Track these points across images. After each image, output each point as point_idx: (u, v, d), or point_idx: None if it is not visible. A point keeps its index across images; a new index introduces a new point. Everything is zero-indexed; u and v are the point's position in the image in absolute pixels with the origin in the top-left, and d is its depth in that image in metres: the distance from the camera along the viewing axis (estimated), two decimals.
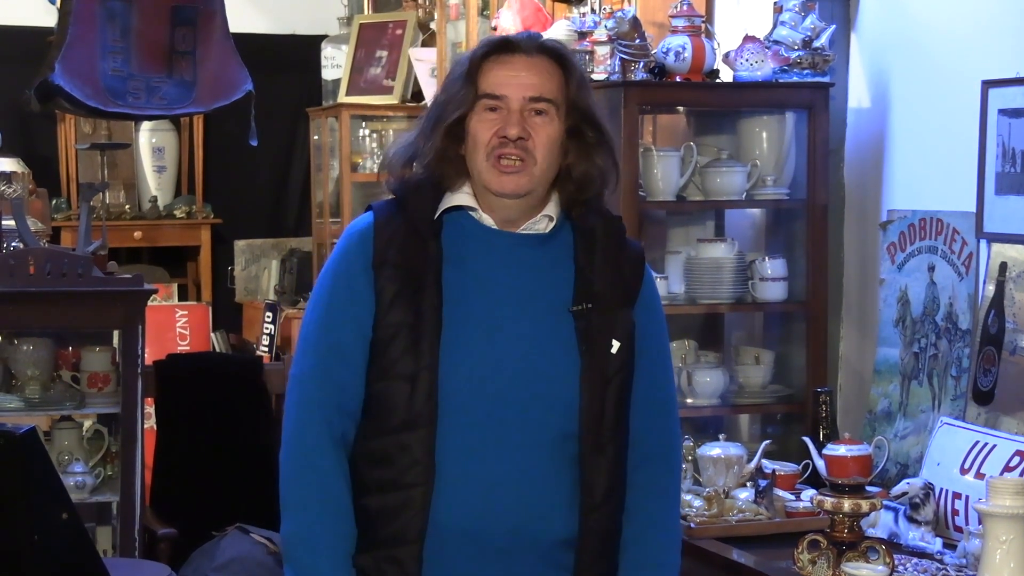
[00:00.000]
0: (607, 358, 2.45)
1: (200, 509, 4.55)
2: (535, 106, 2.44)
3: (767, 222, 4.36)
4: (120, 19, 4.64)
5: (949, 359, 3.68)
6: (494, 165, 2.44)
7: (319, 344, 2.48)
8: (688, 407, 4.11)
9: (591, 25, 4.24)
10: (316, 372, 2.47)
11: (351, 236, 2.52)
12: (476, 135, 2.45)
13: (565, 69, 2.47)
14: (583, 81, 2.51)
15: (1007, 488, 2.74)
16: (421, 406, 2.40)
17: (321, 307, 2.50)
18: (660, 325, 2.58)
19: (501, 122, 2.43)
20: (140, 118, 5.49)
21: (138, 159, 7.48)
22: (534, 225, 2.49)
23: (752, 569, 3.17)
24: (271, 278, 7.38)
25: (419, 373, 2.41)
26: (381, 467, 2.43)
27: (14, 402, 4.49)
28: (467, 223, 2.49)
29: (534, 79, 2.44)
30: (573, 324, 2.46)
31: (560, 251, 2.50)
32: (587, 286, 2.47)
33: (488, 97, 2.44)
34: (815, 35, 4.02)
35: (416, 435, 2.40)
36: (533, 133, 2.43)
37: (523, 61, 2.45)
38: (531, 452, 2.42)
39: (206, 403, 4.75)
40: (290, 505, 2.46)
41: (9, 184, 5.06)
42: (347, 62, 6.82)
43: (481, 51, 2.47)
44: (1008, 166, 3.53)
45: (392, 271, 2.44)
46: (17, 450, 2.41)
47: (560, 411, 2.43)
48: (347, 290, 2.47)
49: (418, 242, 2.46)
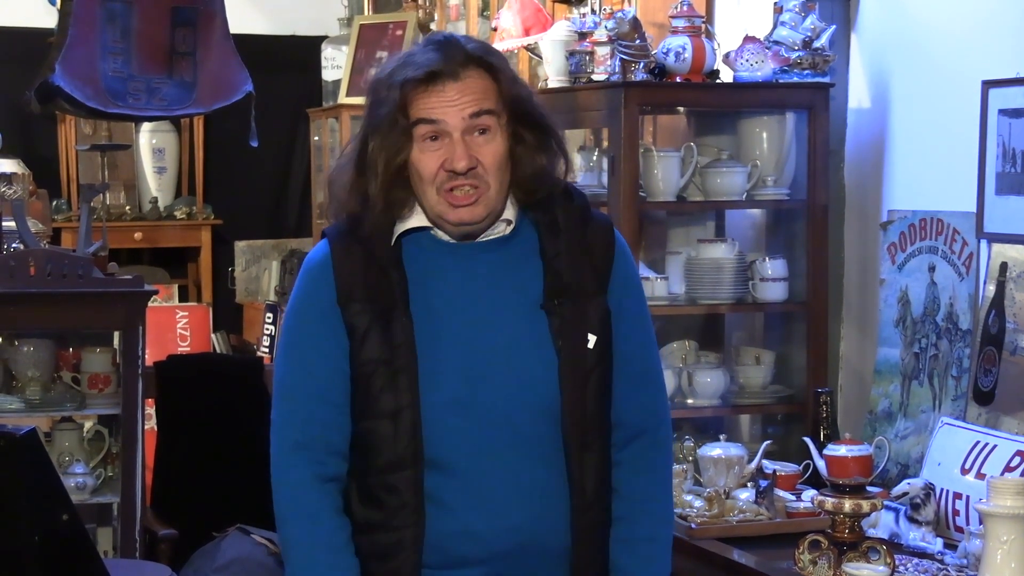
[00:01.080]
0: (584, 353, 2.41)
1: (201, 510, 4.55)
2: (477, 123, 2.36)
3: (767, 222, 4.36)
4: (120, 20, 4.64)
5: (950, 359, 3.68)
6: (446, 198, 2.37)
7: (297, 387, 2.44)
8: (689, 407, 4.11)
9: (591, 25, 4.23)
10: (296, 416, 2.43)
11: (310, 270, 2.46)
12: (421, 169, 2.37)
13: (494, 73, 2.39)
14: (512, 78, 2.43)
15: (1008, 488, 2.74)
16: (404, 447, 2.37)
17: (294, 348, 2.45)
18: (637, 296, 2.52)
19: (445, 153, 2.35)
20: (140, 119, 5.49)
21: (138, 160, 7.48)
22: (493, 231, 2.44)
23: (753, 569, 3.17)
24: (271, 279, 7.38)
25: (400, 411, 2.37)
26: (371, 507, 2.41)
27: (15, 403, 4.49)
28: (425, 241, 2.44)
29: (467, 98, 2.35)
30: (547, 321, 2.41)
31: (524, 247, 2.45)
32: (556, 279, 2.42)
33: (424, 122, 2.35)
34: (815, 35, 4.02)
35: (402, 476, 2.37)
36: (480, 158, 2.36)
37: (453, 86, 2.35)
38: (523, 467, 2.39)
39: (207, 404, 4.75)
40: (288, 543, 2.43)
41: (9, 185, 5.06)
42: (347, 63, 6.82)
43: (408, 86, 2.35)
44: (1008, 166, 3.53)
45: (360, 305, 2.40)
46: (18, 451, 2.41)
47: (545, 416, 2.40)
48: (317, 328, 2.42)
49: (380, 272, 2.40)
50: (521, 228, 2.45)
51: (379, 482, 2.39)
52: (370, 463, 2.40)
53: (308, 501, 2.41)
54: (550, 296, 2.42)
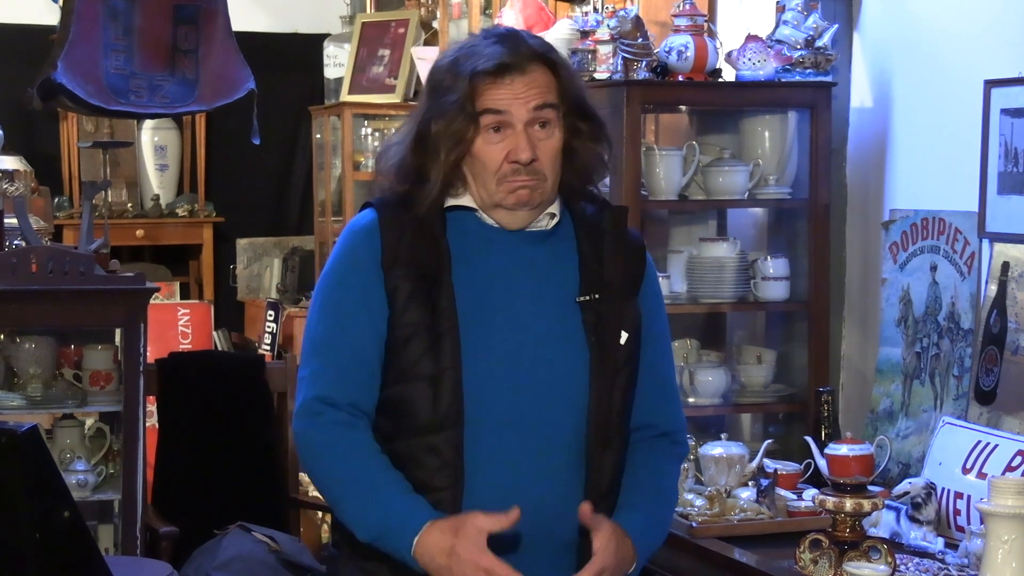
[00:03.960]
0: (616, 350, 2.46)
1: (202, 507, 4.55)
2: (539, 116, 2.42)
3: (769, 221, 4.36)
4: (123, 17, 4.64)
5: (951, 359, 3.68)
6: (506, 188, 2.43)
7: (331, 344, 2.45)
8: (690, 406, 4.10)
9: (593, 24, 4.23)
10: (328, 372, 2.44)
11: (355, 233, 2.49)
12: (484, 159, 2.43)
13: (555, 69, 2.46)
14: (571, 71, 2.51)
15: (1009, 488, 2.74)
16: (447, 408, 2.39)
17: (330, 306, 2.47)
18: (661, 311, 2.60)
19: (508, 144, 2.42)
20: (142, 116, 5.49)
21: (140, 157, 7.48)
22: (537, 223, 2.49)
23: (754, 568, 3.17)
24: (273, 276, 7.38)
25: (442, 374, 2.39)
26: (406, 469, 2.41)
27: (16, 400, 4.50)
28: (470, 222, 2.49)
29: (532, 91, 2.42)
30: (580, 317, 2.46)
31: (563, 244, 2.50)
32: (594, 276, 2.48)
33: (491, 112, 2.42)
34: (817, 34, 4.02)
35: (443, 437, 2.39)
36: (540, 152, 2.43)
37: (520, 80, 2.42)
38: (548, 453, 2.42)
39: (208, 401, 4.75)
40: (335, 480, 2.41)
41: (11, 182, 5.06)
42: (349, 61, 6.82)
43: (479, 77, 2.41)
44: (1010, 166, 3.53)
45: (405, 270, 2.42)
46: (19, 448, 2.41)
47: (572, 407, 2.43)
48: (358, 289, 2.44)
49: (428, 239, 2.44)
50: (561, 224, 2.51)
51: (418, 444, 2.40)
52: (404, 426, 2.41)
53: (338, 440, 2.41)
54: (586, 291, 2.47)
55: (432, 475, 2.40)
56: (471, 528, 2.31)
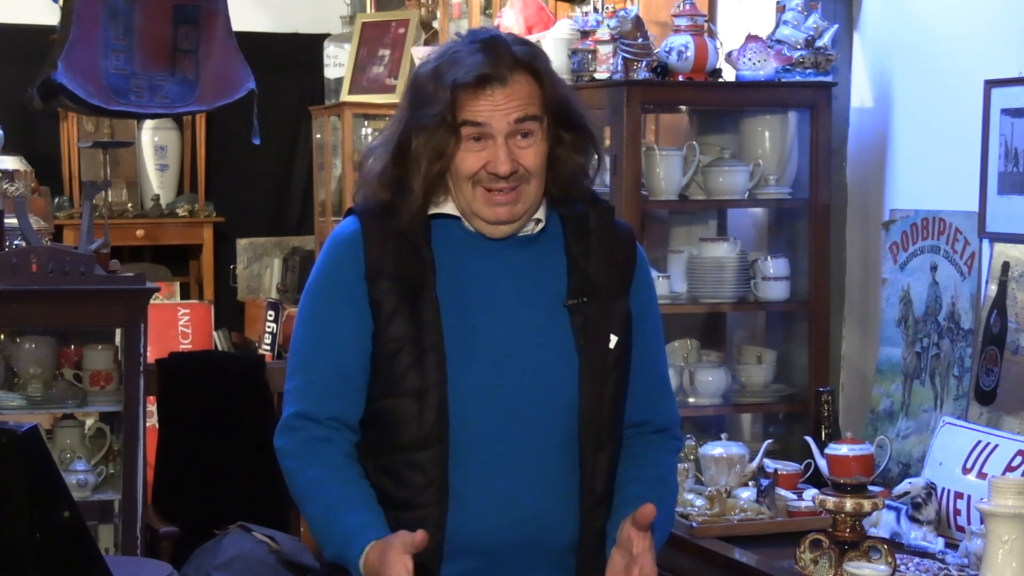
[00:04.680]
0: (605, 353, 2.43)
1: (202, 507, 4.54)
2: (521, 127, 2.39)
3: (769, 221, 4.36)
4: (123, 17, 4.64)
5: (951, 359, 3.68)
6: (484, 197, 2.40)
7: (314, 358, 2.43)
8: (690, 406, 4.10)
9: (594, 24, 4.23)
10: (313, 387, 2.42)
11: (337, 244, 2.46)
12: (462, 167, 2.40)
13: (539, 78, 2.41)
14: (555, 81, 2.45)
15: (1009, 488, 2.74)
16: (431, 424, 2.37)
17: (314, 320, 2.45)
18: (654, 307, 2.57)
19: (488, 155, 2.38)
20: (143, 116, 5.49)
21: (140, 157, 7.48)
22: (523, 228, 2.46)
23: (754, 568, 3.17)
24: (273, 276, 7.38)
25: (427, 390, 2.37)
26: (392, 485, 2.40)
27: (16, 400, 4.49)
28: (454, 229, 2.46)
29: (514, 103, 2.38)
30: (569, 320, 2.43)
31: (550, 244, 2.47)
32: (582, 278, 2.45)
33: (470, 124, 2.38)
34: (818, 34, 4.02)
35: (428, 454, 2.37)
36: (522, 161, 2.39)
37: (501, 91, 2.38)
38: (539, 459, 2.40)
39: (208, 401, 4.74)
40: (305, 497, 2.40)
41: (12, 182, 5.07)
42: (350, 61, 6.82)
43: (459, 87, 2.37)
44: (1011, 166, 3.53)
45: (389, 283, 2.40)
46: (19, 448, 2.41)
47: (562, 412, 2.41)
48: (342, 303, 2.42)
49: (412, 251, 2.41)
50: (548, 226, 2.48)
51: (402, 459, 2.39)
52: (389, 441, 2.40)
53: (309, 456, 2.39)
54: (574, 294, 2.44)
55: (417, 492, 2.38)
56: (393, 552, 2.24)
